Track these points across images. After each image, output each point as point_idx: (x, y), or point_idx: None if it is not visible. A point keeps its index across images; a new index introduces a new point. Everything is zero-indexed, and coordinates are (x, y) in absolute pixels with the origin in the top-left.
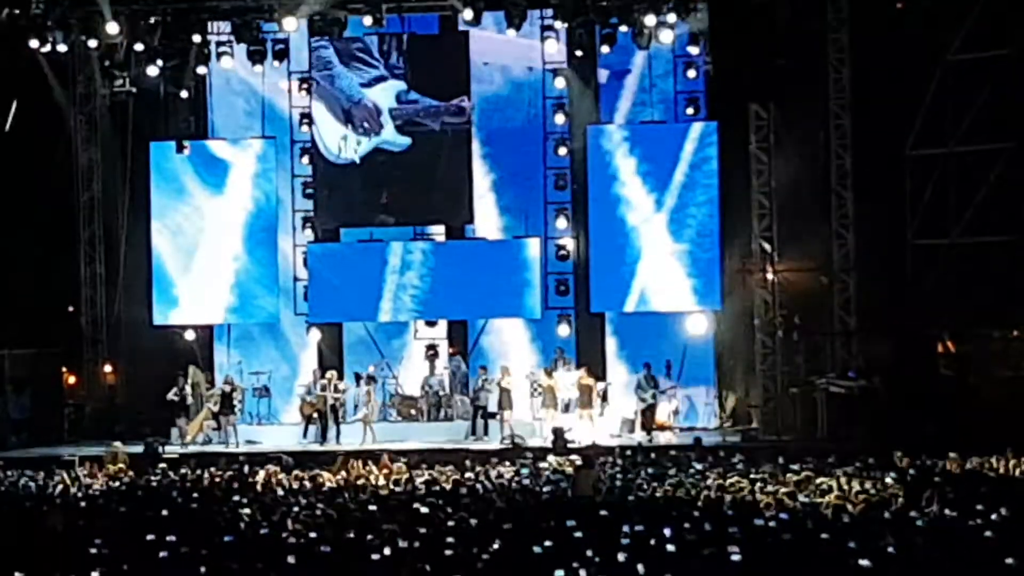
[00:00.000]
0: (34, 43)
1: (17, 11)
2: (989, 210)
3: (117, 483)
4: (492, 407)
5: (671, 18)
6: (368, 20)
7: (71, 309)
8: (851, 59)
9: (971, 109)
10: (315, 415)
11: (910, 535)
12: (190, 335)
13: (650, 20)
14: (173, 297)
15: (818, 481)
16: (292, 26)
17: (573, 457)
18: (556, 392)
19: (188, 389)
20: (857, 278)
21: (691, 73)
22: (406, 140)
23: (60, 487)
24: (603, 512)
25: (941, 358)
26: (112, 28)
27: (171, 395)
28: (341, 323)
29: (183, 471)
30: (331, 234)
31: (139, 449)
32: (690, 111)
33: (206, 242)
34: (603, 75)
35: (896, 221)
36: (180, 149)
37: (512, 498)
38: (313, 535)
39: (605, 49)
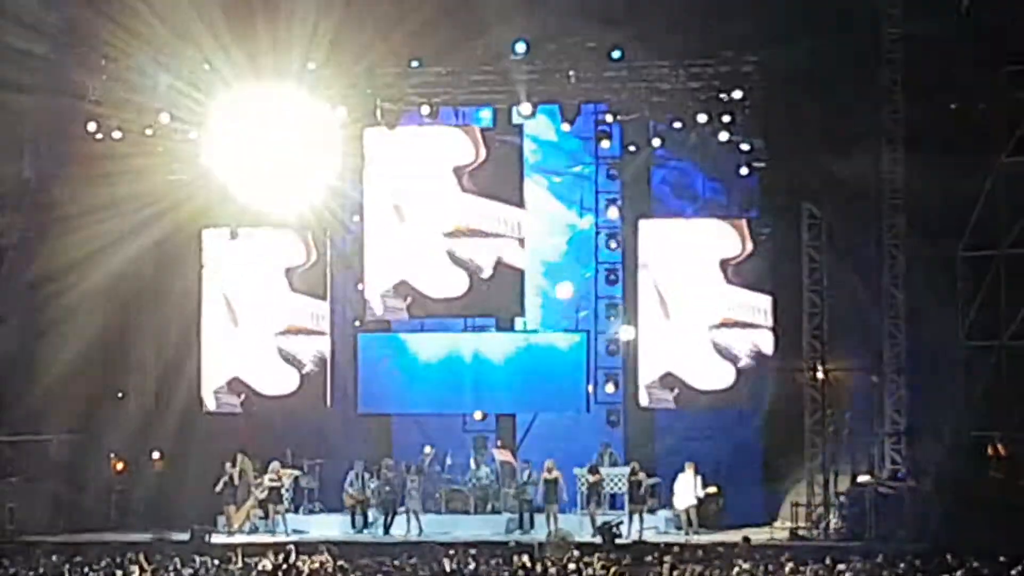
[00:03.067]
0: (92, 121)
1: (73, 95)
2: None
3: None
4: (538, 501)
5: (724, 118)
6: (426, 110)
7: (120, 395)
8: (905, 159)
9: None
10: (359, 506)
11: None
12: (239, 422)
13: (703, 118)
14: (223, 384)
15: None
16: (340, 114)
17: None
18: (602, 488)
19: (236, 476)
20: (908, 378)
21: (744, 171)
22: None
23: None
24: None
25: (991, 461)
26: (165, 118)
27: (219, 486)
28: (391, 414)
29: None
30: (383, 324)
31: (185, 537)
32: (743, 208)
33: (256, 328)
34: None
35: (948, 322)
36: (234, 236)
37: None
38: None
39: (657, 143)
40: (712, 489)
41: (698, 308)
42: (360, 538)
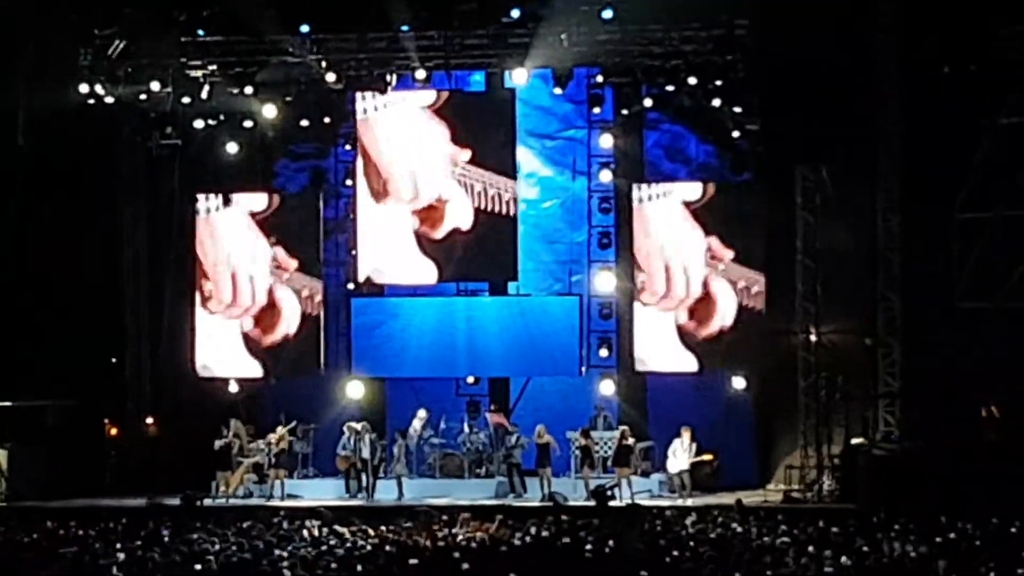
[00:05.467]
0: (83, 87)
1: (65, 62)
2: None
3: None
4: (531, 465)
5: (718, 81)
6: (421, 74)
7: (114, 361)
8: (899, 121)
9: (1020, 173)
10: (352, 469)
11: None
12: (233, 388)
13: (693, 80)
14: (217, 349)
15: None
16: (332, 78)
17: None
18: (595, 451)
19: (233, 440)
20: (902, 341)
21: (736, 133)
22: None
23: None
24: (643, 573)
25: (985, 423)
26: (155, 85)
27: (218, 444)
28: (384, 377)
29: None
30: (375, 288)
31: (176, 501)
32: (737, 171)
33: (251, 294)
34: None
35: (943, 284)
36: (227, 202)
37: (553, 555)
38: None
39: (648, 102)
40: (708, 456)
41: (689, 269)
42: (354, 503)
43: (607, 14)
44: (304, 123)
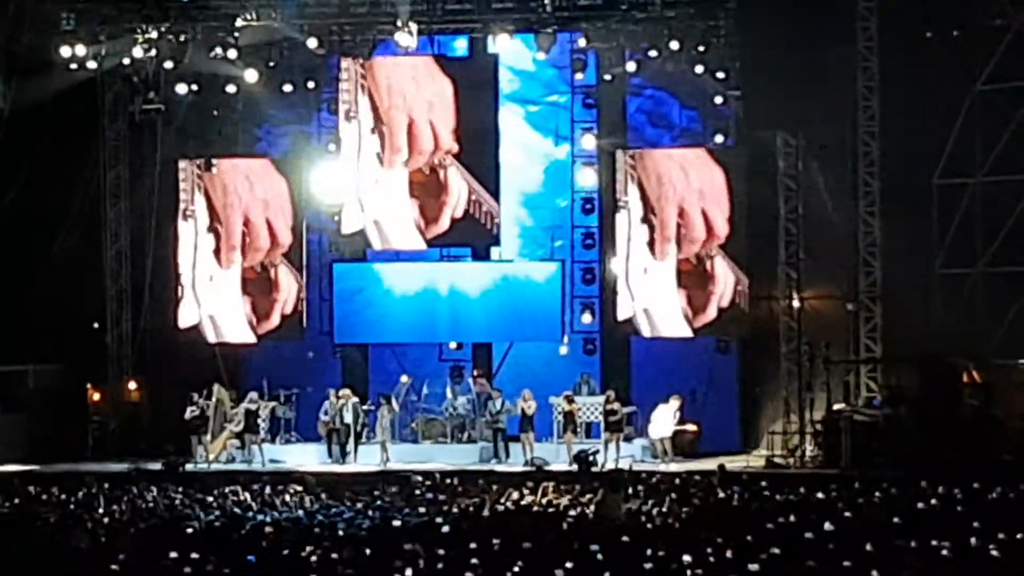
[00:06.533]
0: (66, 51)
1: (47, 26)
2: (1016, 240)
3: None
4: (514, 430)
5: (700, 48)
6: (405, 39)
7: (96, 325)
8: (880, 87)
9: (999, 139)
10: (334, 434)
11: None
12: (216, 353)
13: (675, 45)
14: (200, 315)
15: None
16: (313, 43)
17: (598, 482)
18: (578, 416)
19: (211, 406)
20: (883, 306)
21: (719, 99)
22: None
23: None
24: (625, 537)
25: (966, 388)
26: (138, 51)
27: (188, 414)
28: (367, 343)
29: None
30: (358, 253)
31: (158, 466)
32: (719, 138)
33: (234, 260)
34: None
35: (923, 250)
36: (208, 167)
37: (535, 521)
38: (334, 556)
39: (632, 67)
40: (691, 427)
41: (670, 234)
42: (336, 468)
43: None
44: (287, 88)
